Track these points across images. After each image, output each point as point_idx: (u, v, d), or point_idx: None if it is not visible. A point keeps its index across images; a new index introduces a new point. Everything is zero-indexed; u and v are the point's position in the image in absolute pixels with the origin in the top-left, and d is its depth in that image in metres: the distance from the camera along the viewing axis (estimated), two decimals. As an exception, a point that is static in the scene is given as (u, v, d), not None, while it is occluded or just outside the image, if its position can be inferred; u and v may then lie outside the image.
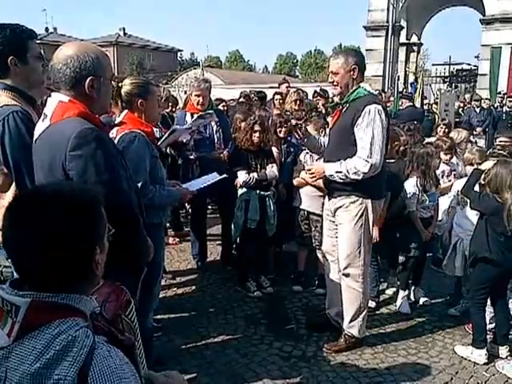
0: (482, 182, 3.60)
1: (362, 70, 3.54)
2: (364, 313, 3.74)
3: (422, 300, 4.56)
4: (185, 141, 4.78)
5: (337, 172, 3.46)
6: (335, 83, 3.54)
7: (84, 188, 1.28)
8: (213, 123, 5.00)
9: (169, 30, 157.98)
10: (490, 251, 3.50)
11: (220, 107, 6.66)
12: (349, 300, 3.71)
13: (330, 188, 3.72)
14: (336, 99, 3.74)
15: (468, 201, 3.89)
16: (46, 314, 1.11)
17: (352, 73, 3.49)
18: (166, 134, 4.33)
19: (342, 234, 3.67)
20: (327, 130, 3.83)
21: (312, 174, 3.67)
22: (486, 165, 3.71)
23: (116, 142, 2.74)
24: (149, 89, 3.12)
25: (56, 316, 1.12)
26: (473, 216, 3.95)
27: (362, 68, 3.54)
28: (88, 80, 2.07)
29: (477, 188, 3.73)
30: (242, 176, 4.52)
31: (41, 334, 1.09)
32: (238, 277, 4.92)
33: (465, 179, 3.99)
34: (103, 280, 1.38)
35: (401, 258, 4.64)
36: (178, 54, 58.43)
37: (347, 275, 3.67)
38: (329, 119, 4.76)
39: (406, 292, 4.52)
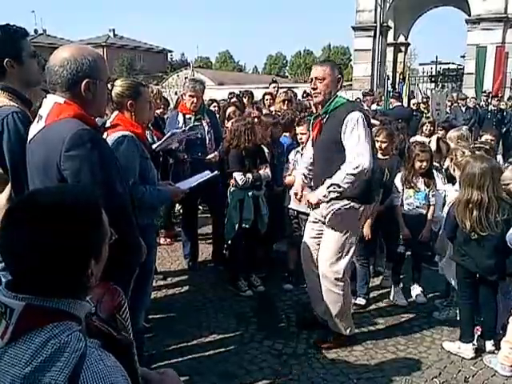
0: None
1: (342, 82, 3.59)
2: (347, 313, 3.78)
3: (419, 299, 4.62)
4: (173, 147, 4.77)
5: (330, 186, 3.37)
6: (318, 90, 3.47)
7: (84, 199, 1.21)
8: (204, 124, 5.02)
9: (159, 31, 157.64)
10: (463, 256, 3.67)
11: (212, 108, 6.68)
12: (330, 302, 3.71)
13: None
14: (319, 109, 3.61)
15: None
16: (40, 317, 1.10)
17: (337, 83, 3.51)
18: (164, 138, 4.34)
19: (327, 237, 3.65)
20: (309, 145, 3.79)
21: (309, 204, 3.59)
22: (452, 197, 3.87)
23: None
24: (139, 90, 3.13)
25: (50, 320, 1.11)
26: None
27: (342, 80, 3.58)
28: (84, 82, 2.08)
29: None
30: (239, 177, 4.53)
31: (33, 337, 1.08)
32: (229, 276, 4.95)
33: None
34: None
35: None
36: (168, 54, 58.03)
37: (326, 278, 3.65)
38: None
39: (399, 286, 4.65)
